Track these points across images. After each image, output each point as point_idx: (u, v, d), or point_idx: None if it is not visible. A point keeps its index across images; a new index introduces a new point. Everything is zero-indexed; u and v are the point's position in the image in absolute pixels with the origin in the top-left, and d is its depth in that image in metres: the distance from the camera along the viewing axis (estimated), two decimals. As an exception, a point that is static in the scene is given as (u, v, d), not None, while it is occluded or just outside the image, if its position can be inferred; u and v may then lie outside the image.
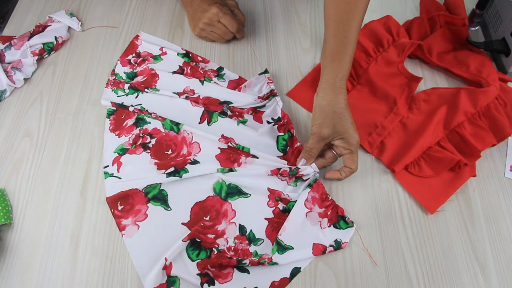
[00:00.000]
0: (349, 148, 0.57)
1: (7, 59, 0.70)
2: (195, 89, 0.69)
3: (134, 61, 0.73)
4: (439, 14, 0.74)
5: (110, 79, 0.70)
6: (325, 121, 0.57)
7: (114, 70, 0.72)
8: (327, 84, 0.58)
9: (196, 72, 0.71)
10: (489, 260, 0.56)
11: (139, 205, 0.58)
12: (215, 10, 0.71)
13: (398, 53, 0.69)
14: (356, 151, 0.58)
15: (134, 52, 0.74)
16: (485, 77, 0.67)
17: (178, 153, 0.62)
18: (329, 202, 0.58)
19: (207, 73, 0.71)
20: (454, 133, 0.63)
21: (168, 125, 0.64)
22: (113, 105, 0.66)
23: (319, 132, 0.57)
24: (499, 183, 0.63)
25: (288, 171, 0.60)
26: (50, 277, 0.53)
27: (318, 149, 0.59)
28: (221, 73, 0.72)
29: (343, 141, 0.58)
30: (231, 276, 0.53)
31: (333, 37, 0.59)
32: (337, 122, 0.57)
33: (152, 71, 0.71)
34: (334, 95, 0.57)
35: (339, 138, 0.58)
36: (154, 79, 0.70)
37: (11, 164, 0.61)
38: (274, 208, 0.59)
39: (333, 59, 0.58)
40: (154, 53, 0.74)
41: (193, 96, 0.67)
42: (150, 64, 0.72)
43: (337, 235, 0.56)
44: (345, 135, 0.57)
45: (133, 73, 0.71)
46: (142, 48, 0.75)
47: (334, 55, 0.58)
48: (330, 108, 0.57)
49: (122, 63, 0.73)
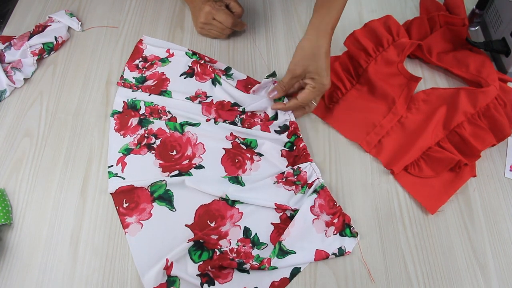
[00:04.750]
0: (314, 86, 0.61)
1: (7, 59, 0.70)
2: (207, 91, 0.69)
3: (142, 65, 0.73)
4: (439, 14, 0.74)
5: (120, 82, 0.70)
6: (300, 60, 0.60)
7: (123, 76, 0.71)
8: (312, 28, 0.61)
9: (205, 69, 0.71)
10: (489, 260, 0.56)
11: (144, 204, 0.58)
12: (207, 9, 0.71)
13: (398, 53, 0.69)
14: (319, 93, 0.62)
15: (140, 56, 0.74)
16: (484, 77, 0.67)
17: (182, 154, 0.62)
18: (336, 209, 0.57)
19: (216, 71, 0.71)
20: (454, 133, 0.63)
21: (172, 125, 0.64)
22: (125, 106, 0.67)
23: (293, 70, 0.61)
24: (499, 183, 0.63)
25: (292, 172, 0.60)
26: (50, 277, 0.53)
27: (290, 85, 0.64)
28: (229, 73, 0.72)
29: (313, 81, 0.61)
30: (231, 276, 0.53)
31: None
32: (312, 63, 0.60)
33: (163, 76, 0.71)
34: (316, 38, 0.60)
35: (310, 77, 0.61)
36: (165, 83, 0.70)
37: (11, 164, 0.61)
38: (282, 213, 0.58)
39: (322, 6, 0.62)
40: (161, 56, 0.74)
41: (206, 101, 0.67)
42: (158, 67, 0.72)
43: (342, 243, 0.56)
44: (316, 76, 0.60)
45: (142, 78, 0.71)
46: (148, 52, 0.74)
47: (323, 3, 0.62)
48: (309, 49, 0.60)
49: (130, 68, 0.72)
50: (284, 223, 0.58)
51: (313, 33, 0.60)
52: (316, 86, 0.61)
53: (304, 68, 0.60)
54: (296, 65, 0.61)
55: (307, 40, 0.60)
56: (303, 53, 0.60)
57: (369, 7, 0.84)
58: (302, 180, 0.60)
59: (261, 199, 0.59)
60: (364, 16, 0.82)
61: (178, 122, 0.65)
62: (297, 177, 0.60)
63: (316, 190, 0.59)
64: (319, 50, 0.59)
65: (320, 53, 0.59)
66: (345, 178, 0.62)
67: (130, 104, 0.67)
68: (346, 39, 0.72)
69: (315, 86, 0.61)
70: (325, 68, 0.60)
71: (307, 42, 0.60)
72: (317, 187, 0.59)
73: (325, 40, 0.60)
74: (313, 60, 0.60)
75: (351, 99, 0.69)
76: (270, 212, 0.58)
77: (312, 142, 0.66)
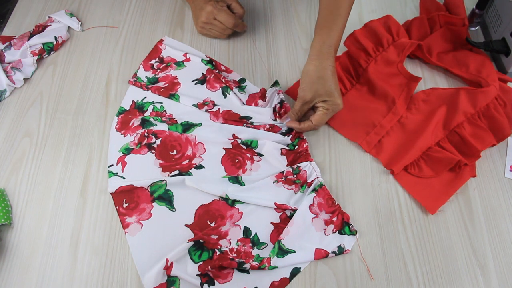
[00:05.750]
0: (327, 108, 0.60)
1: (7, 59, 0.70)
2: (215, 101, 0.68)
3: (157, 66, 0.73)
4: (439, 14, 0.74)
5: (131, 80, 0.70)
6: (308, 85, 0.60)
7: (136, 74, 0.71)
8: (314, 51, 0.60)
9: (218, 80, 0.70)
10: (489, 260, 0.56)
11: (144, 204, 0.58)
12: (209, 9, 0.71)
13: (398, 53, 0.69)
14: (332, 113, 0.62)
15: (157, 56, 0.74)
16: (484, 77, 0.67)
17: (183, 154, 0.62)
18: (335, 208, 0.58)
19: (229, 83, 0.70)
20: (454, 133, 0.63)
21: (173, 128, 0.64)
22: (132, 105, 0.67)
23: (303, 96, 0.61)
24: (499, 183, 0.63)
25: (291, 171, 0.60)
26: (50, 277, 0.53)
27: (302, 111, 0.64)
28: (243, 85, 0.72)
29: (325, 103, 0.61)
30: (231, 276, 0.53)
31: (325, 9, 0.62)
32: (321, 87, 0.59)
33: (175, 80, 0.70)
34: (320, 61, 0.59)
35: (322, 100, 0.61)
36: (175, 87, 0.70)
37: (11, 164, 0.61)
38: (281, 213, 0.59)
39: (322, 27, 0.61)
40: (177, 59, 0.74)
41: (212, 110, 0.67)
42: (173, 70, 0.72)
43: (341, 241, 0.56)
44: (327, 98, 0.60)
45: (154, 79, 0.71)
46: (166, 53, 0.74)
47: (324, 24, 0.61)
48: (315, 73, 0.59)
49: (145, 67, 0.72)
50: (284, 222, 0.58)
51: (316, 57, 0.60)
52: (330, 107, 0.60)
53: (314, 93, 0.60)
54: (305, 91, 0.60)
55: (311, 64, 0.60)
56: (310, 78, 0.60)
57: (369, 7, 0.84)
58: (302, 179, 0.60)
59: (261, 198, 0.59)
60: (364, 16, 0.82)
61: (179, 123, 0.65)
62: (296, 176, 0.60)
63: (315, 188, 0.59)
64: (325, 72, 0.59)
65: (326, 75, 0.59)
66: (345, 178, 0.62)
67: (139, 105, 0.67)
68: (346, 39, 0.72)
69: (328, 108, 0.60)
70: (335, 89, 0.59)
71: (311, 67, 0.60)
72: (316, 186, 0.59)
73: (329, 62, 0.59)
74: (321, 84, 0.59)
75: (351, 99, 0.69)
76: (270, 211, 0.58)
77: (312, 142, 0.66)
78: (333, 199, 0.58)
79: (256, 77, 0.73)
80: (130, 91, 0.69)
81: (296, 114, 0.64)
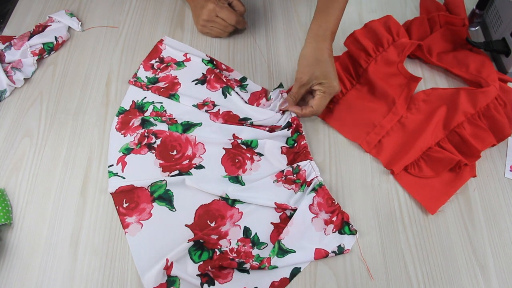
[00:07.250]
0: (324, 91, 0.60)
1: (7, 59, 0.70)
2: (215, 101, 0.68)
3: (157, 66, 0.73)
4: (439, 14, 0.74)
5: (131, 80, 0.70)
6: (305, 68, 0.61)
7: (136, 74, 0.71)
8: (311, 34, 0.61)
9: (219, 80, 0.70)
10: (489, 260, 0.56)
11: (144, 204, 0.58)
12: (211, 6, 0.71)
13: (398, 53, 0.69)
14: (330, 96, 0.62)
15: (157, 56, 0.74)
16: (484, 77, 0.67)
17: (183, 154, 0.62)
18: (335, 207, 0.57)
19: (230, 82, 0.70)
20: (454, 133, 0.63)
21: (174, 128, 0.64)
22: (132, 105, 0.67)
23: (300, 78, 0.61)
24: (499, 183, 0.63)
25: (291, 171, 0.60)
26: (50, 277, 0.53)
27: (299, 94, 0.64)
28: (244, 83, 0.72)
29: (321, 85, 0.61)
30: (231, 276, 0.53)
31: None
32: (317, 69, 0.60)
33: (175, 80, 0.70)
34: (317, 43, 0.60)
35: (318, 83, 0.61)
36: (175, 87, 0.70)
37: (11, 164, 0.61)
38: (281, 213, 0.59)
39: (320, 12, 0.62)
40: (178, 59, 0.73)
41: (212, 111, 0.67)
42: (173, 70, 0.72)
43: (341, 241, 0.56)
44: (324, 80, 0.60)
45: (155, 78, 0.71)
46: (166, 53, 0.74)
47: (321, 9, 0.62)
48: (312, 56, 0.60)
49: (145, 67, 0.72)
50: (284, 222, 0.58)
51: (313, 40, 0.60)
52: (326, 90, 0.61)
53: (310, 75, 0.60)
54: (302, 73, 0.61)
55: (308, 47, 0.61)
56: (307, 61, 0.60)
57: (369, 7, 0.84)
58: (302, 179, 0.60)
59: (261, 198, 0.59)
60: (364, 16, 0.82)
61: (179, 123, 0.65)
62: (296, 175, 0.60)
63: (315, 188, 0.59)
64: (322, 54, 0.59)
65: (323, 57, 0.59)
66: (345, 178, 0.62)
67: (139, 105, 0.67)
68: (346, 39, 0.72)
69: (325, 91, 0.61)
70: (332, 71, 0.60)
71: (308, 49, 0.60)
72: (315, 186, 0.59)
73: (326, 45, 0.60)
74: (317, 65, 0.60)
75: (351, 99, 0.69)
76: (270, 211, 0.58)
77: (312, 142, 0.66)
78: (333, 198, 0.58)
79: (256, 76, 0.73)
80: (130, 91, 0.69)
81: (293, 97, 0.64)
